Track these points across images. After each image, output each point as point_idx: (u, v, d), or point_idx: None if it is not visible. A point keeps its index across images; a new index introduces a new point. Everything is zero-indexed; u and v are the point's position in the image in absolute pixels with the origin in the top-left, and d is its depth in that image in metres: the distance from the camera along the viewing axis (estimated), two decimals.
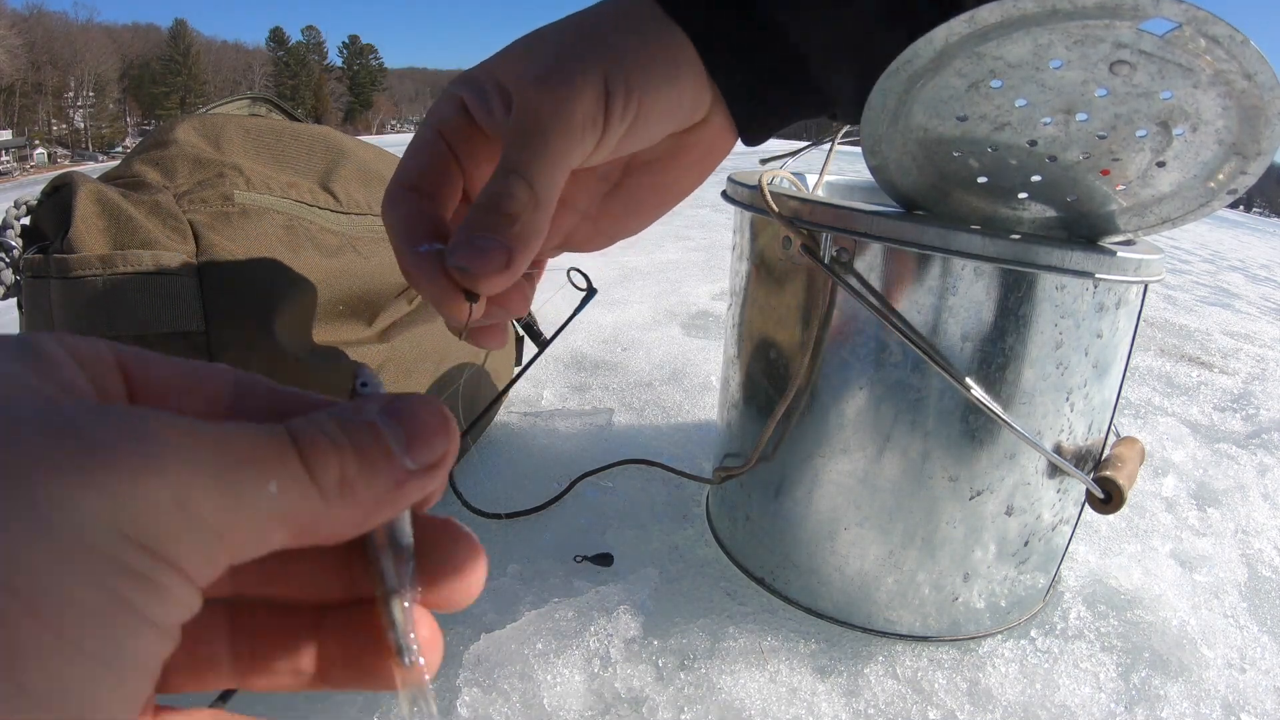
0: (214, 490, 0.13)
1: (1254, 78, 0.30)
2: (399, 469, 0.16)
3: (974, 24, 0.30)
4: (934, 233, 0.42)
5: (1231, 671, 0.52)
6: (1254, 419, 1.03)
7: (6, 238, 0.52)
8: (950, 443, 0.46)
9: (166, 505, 0.13)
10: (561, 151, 0.23)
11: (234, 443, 0.14)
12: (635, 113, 0.25)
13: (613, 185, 0.30)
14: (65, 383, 0.15)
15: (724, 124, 0.29)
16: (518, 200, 0.23)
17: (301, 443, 0.15)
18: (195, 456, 0.13)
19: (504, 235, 0.23)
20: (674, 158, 0.30)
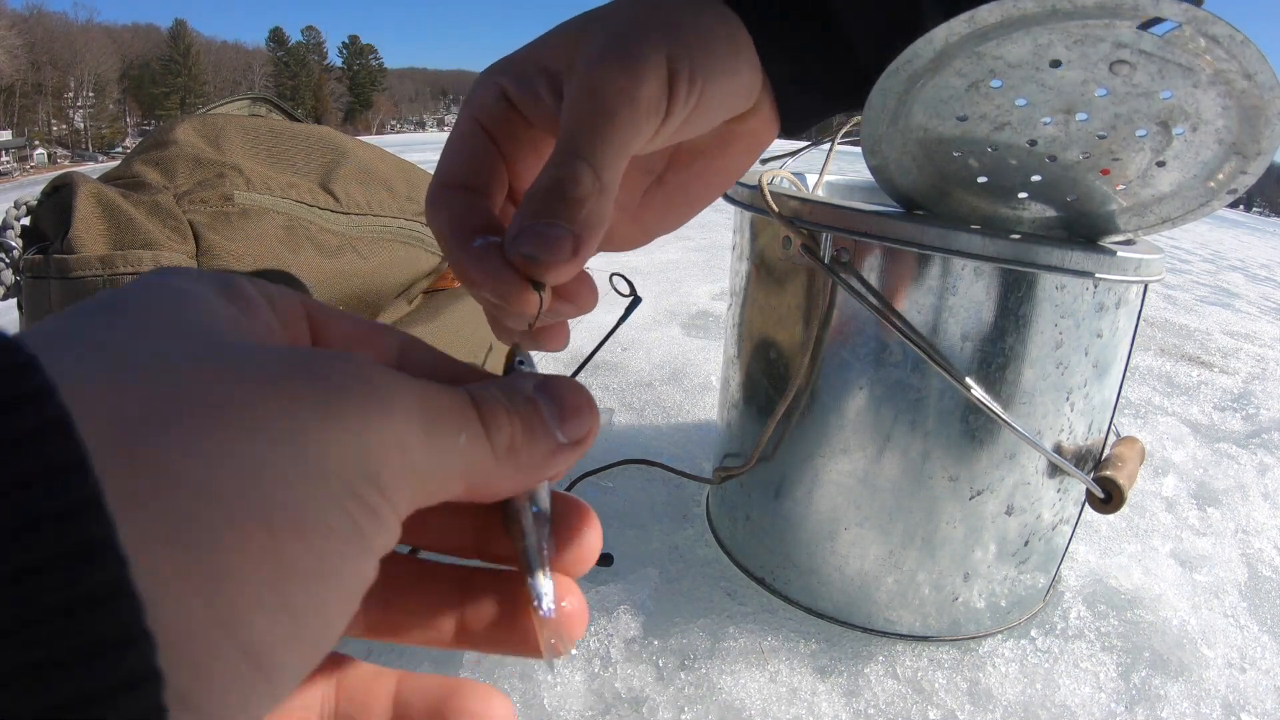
0: (423, 437, 0.14)
1: (1254, 77, 0.30)
2: (553, 440, 0.17)
3: (974, 24, 0.30)
4: (934, 233, 0.42)
5: (1232, 671, 0.52)
6: (1254, 418, 1.03)
7: (6, 238, 0.52)
8: (950, 443, 0.46)
9: (391, 446, 0.14)
10: (627, 135, 0.22)
11: (434, 397, 0.15)
12: (698, 98, 0.24)
13: (655, 179, 0.29)
14: (267, 326, 0.16)
15: (769, 114, 0.29)
16: (583, 185, 0.21)
17: (480, 405, 0.16)
18: (410, 405, 0.14)
19: (570, 221, 0.21)
20: (722, 148, 0.29)
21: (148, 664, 0.10)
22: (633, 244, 0.30)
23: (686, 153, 0.29)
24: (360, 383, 0.14)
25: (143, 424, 0.11)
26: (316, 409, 0.13)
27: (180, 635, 0.10)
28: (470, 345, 0.69)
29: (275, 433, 0.12)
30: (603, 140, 0.22)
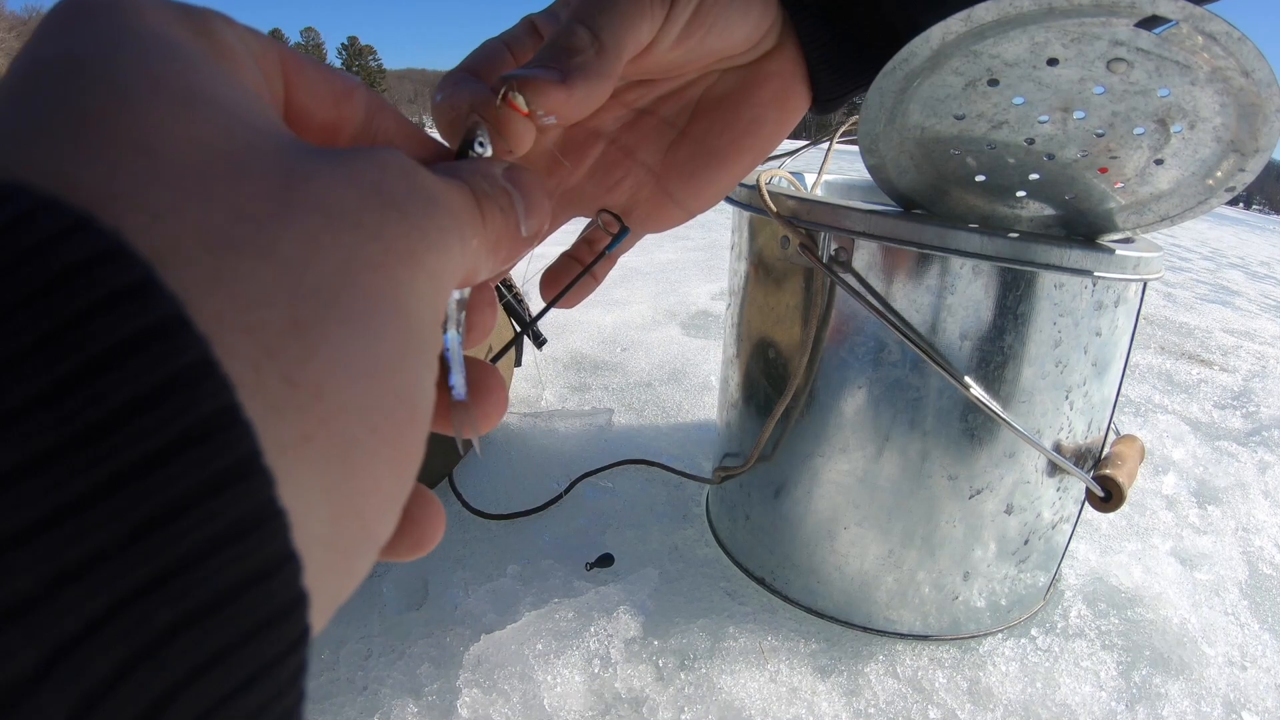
0: (459, 249, 0.14)
1: (1251, 74, 0.30)
2: (519, 234, 0.17)
3: (970, 22, 0.30)
4: (932, 231, 0.42)
5: (1232, 669, 0.52)
6: (1254, 416, 1.03)
7: None
8: (949, 442, 0.46)
9: (447, 275, 0.14)
10: (628, 8, 0.22)
11: (458, 204, 0.15)
12: None
13: (679, 132, 0.28)
14: (256, 86, 0.14)
15: (795, 58, 0.28)
16: (578, 38, 0.21)
17: (481, 203, 0.16)
18: (451, 219, 0.14)
19: (559, 65, 0.21)
20: (745, 93, 0.28)
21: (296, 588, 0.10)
22: (664, 215, 0.29)
23: (709, 99, 0.28)
24: (428, 208, 0.13)
25: (283, 347, 0.11)
26: (407, 260, 0.13)
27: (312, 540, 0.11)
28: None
29: (386, 312, 0.12)
30: (602, 9, 0.22)
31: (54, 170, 0.10)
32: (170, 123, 0.11)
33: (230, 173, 0.11)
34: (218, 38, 0.14)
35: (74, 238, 0.09)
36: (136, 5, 0.13)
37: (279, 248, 0.11)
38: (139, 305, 0.09)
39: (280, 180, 0.12)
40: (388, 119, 0.18)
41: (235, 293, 0.10)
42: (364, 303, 0.12)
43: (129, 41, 0.12)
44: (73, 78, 0.11)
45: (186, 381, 0.09)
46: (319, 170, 0.12)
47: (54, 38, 0.12)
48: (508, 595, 0.53)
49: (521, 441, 0.78)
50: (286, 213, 0.11)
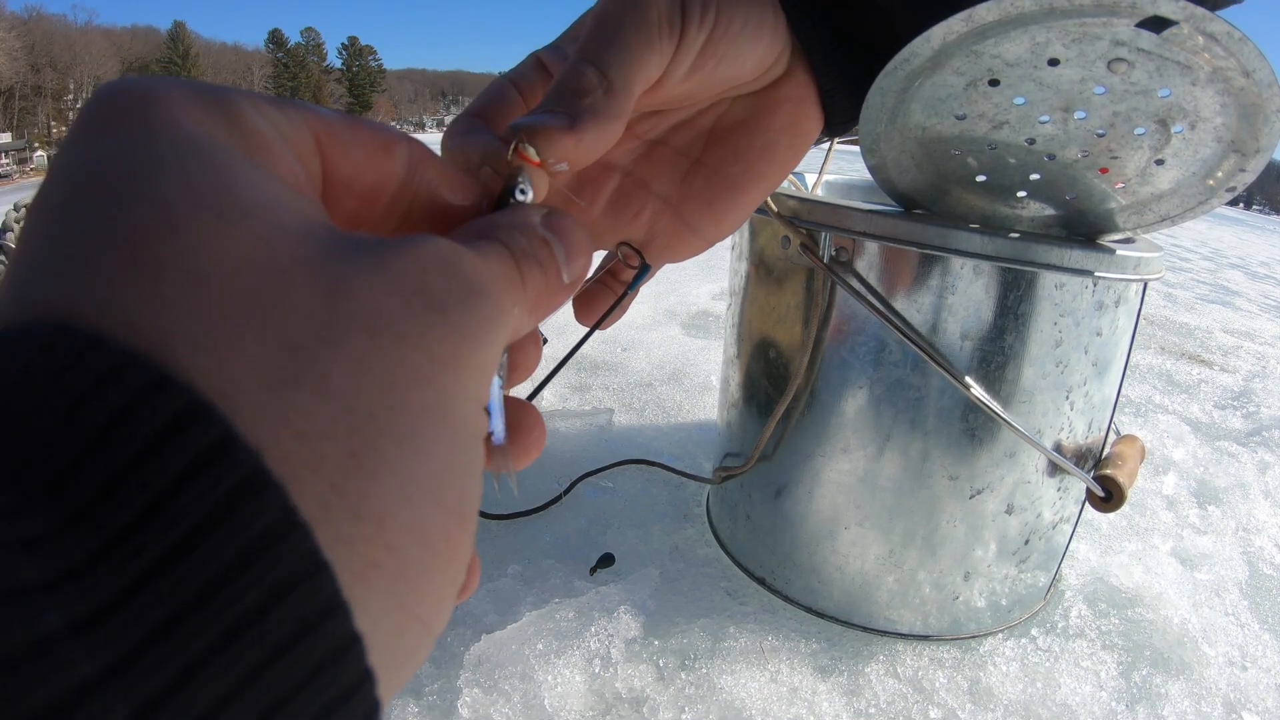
0: (500, 330, 0.14)
1: (1252, 75, 0.30)
2: (561, 282, 0.17)
3: (971, 22, 0.30)
4: (933, 231, 0.42)
5: (1233, 669, 0.52)
6: (1254, 416, 1.03)
7: (6, 240, 0.52)
8: (950, 441, 0.46)
9: (494, 356, 0.14)
10: (636, 46, 0.22)
11: (503, 285, 0.15)
12: (714, 20, 0.24)
13: (694, 162, 0.28)
14: (294, 179, 0.14)
15: (807, 89, 0.28)
16: (586, 79, 0.21)
17: (522, 267, 0.16)
18: (494, 301, 0.14)
19: (567, 107, 0.21)
20: (757, 120, 0.28)
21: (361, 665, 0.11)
22: (685, 248, 0.29)
23: (722, 128, 0.28)
24: (471, 305, 0.13)
25: (346, 482, 0.11)
26: (450, 366, 0.13)
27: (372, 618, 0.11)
28: None
29: (434, 428, 0.13)
30: (609, 46, 0.22)
31: (111, 306, 0.10)
32: (214, 242, 0.11)
33: (277, 294, 0.11)
34: (248, 127, 0.14)
35: (160, 401, 0.10)
36: (167, 102, 0.13)
37: (331, 377, 0.11)
38: (227, 467, 0.10)
39: (324, 297, 0.12)
40: (429, 169, 0.17)
41: (298, 431, 0.11)
42: (414, 423, 0.12)
43: (164, 149, 0.12)
44: (114, 196, 0.11)
45: (276, 536, 0.10)
46: (360, 278, 0.12)
47: (89, 143, 0.12)
48: (508, 595, 0.53)
49: None
50: (334, 335, 0.12)
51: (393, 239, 0.13)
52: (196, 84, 0.14)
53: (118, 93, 0.13)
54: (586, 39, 0.22)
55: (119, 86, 0.13)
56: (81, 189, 0.12)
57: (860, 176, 0.64)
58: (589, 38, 0.22)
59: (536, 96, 0.25)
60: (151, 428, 0.09)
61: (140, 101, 0.13)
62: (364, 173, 0.16)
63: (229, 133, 0.13)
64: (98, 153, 0.12)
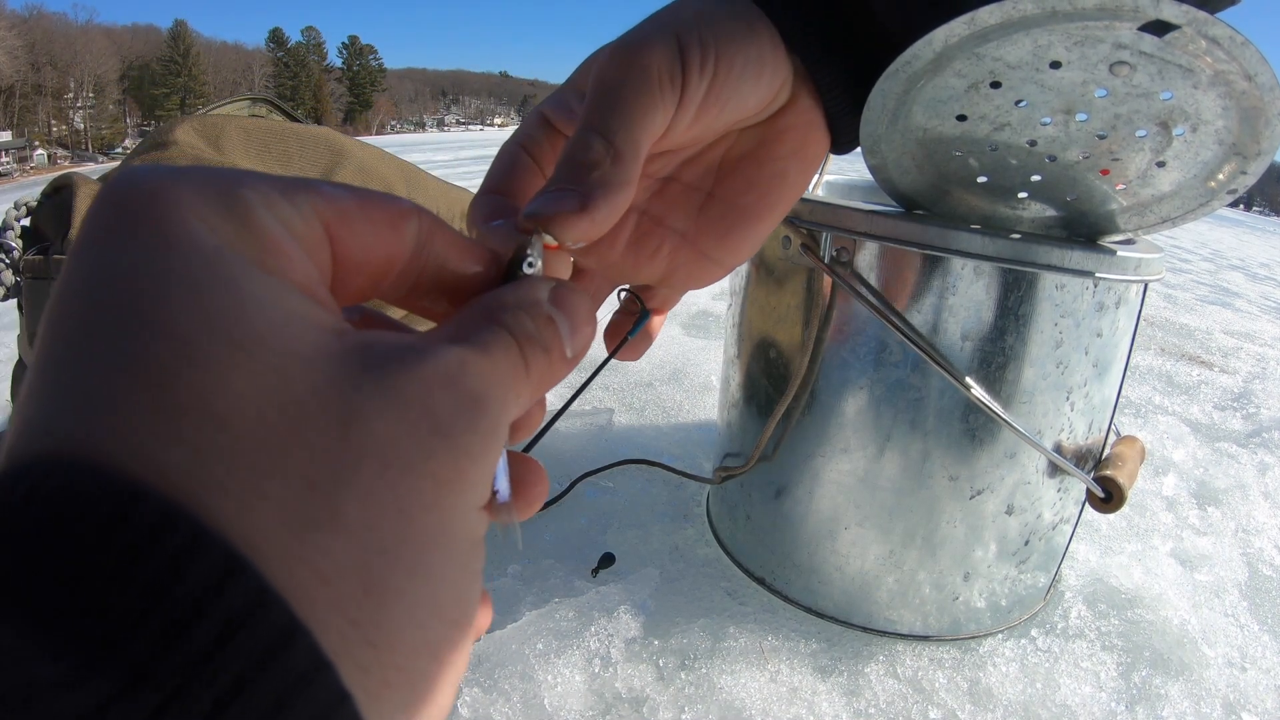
0: (502, 432, 0.15)
1: (1254, 79, 0.30)
2: (564, 358, 0.17)
3: (974, 25, 0.30)
4: (934, 232, 0.42)
5: (1232, 670, 0.52)
6: (1254, 418, 1.03)
7: (6, 239, 0.52)
8: (950, 442, 0.46)
9: (497, 452, 0.15)
10: (639, 108, 0.22)
11: (508, 384, 0.15)
12: (714, 68, 0.24)
13: (706, 195, 0.29)
14: (305, 281, 0.14)
15: (812, 112, 0.28)
16: (593, 151, 0.22)
17: (526, 353, 0.16)
18: (501, 410, 0.15)
19: (578, 184, 0.21)
20: (765, 150, 0.28)
21: None
22: (706, 276, 0.29)
23: (731, 159, 0.29)
24: (473, 422, 0.14)
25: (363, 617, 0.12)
26: (452, 483, 0.14)
27: None
28: None
29: (432, 556, 0.13)
30: (613, 113, 0.22)
31: (141, 452, 0.11)
32: (233, 378, 0.12)
33: (294, 431, 0.12)
34: (260, 229, 0.14)
35: (202, 560, 0.11)
36: (178, 204, 0.13)
37: (348, 515, 0.12)
38: (264, 620, 0.11)
39: (338, 429, 0.13)
40: (438, 241, 0.18)
41: (320, 573, 0.12)
42: (421, 549, 0.13)
43: (177, 263, 0.13)
44: (133, 326, 0.12)
45: (308, 679, 0.11)
46: (370, 406, 0.13)
47: (103, 251, 0.13)
48: (508, 595, 0.53)
49: None
50: (347, 470, 0.12)
51: (398, 351, 0.14)
52: (207, 177, 0.14)
53: (129, 193, 0.13)
54: (591, 104, 0.22)
55: (129, 185, 0.13)
56: (99, 310, 0.12)
57: (861, 177, 0.64)
58: (593, 103, 0.22)
59: (547, 158, 0.26)
60: (196, 587, 0.10)
61: (151, 204, 0.13)
62: (373, 253, 0.16)
63: (241, 237, 0.13)
64: (112, 265, 0.12)
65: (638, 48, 0.23)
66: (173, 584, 0.10)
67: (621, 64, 0.23)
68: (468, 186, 0.75)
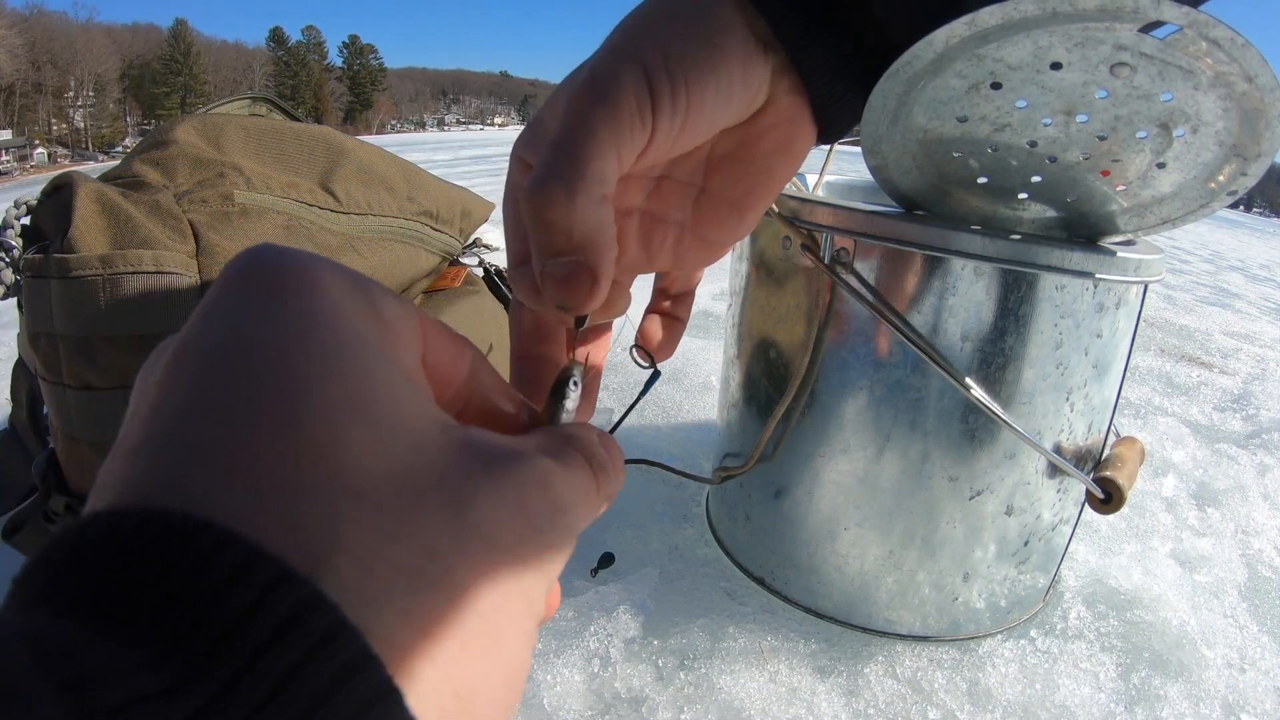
0: (573, 540, 0.17)
1: (1255, 80, 0.30)
2: (611, 493, 0.20)
3: (974, 26, 0.30)
4: (934, 233, 0.42)
5: (1231, 671, 0.52)
6: (1254, 419, 1.03)
7: (6, 237, 0.52)
8: (950, 443, 0.46)
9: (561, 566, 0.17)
10: (606, 145, 0.23)
11: (579, 491, 0.18)
12: (685, 103, 0.24)
13: (699, 189, 0.30)
14: (415, 368, 0.17)
15: (796, 107, 0.28)
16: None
17: (598, 476, 0.19)
18: (572, 523, 0.17)
19: (575, 253, 0.23)
20: (748, 148, 0.29)
21: None
22: (711, 257, 0.31)
23: (716, 157, 0.29)
24: (560, 522, 0.17)
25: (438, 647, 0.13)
26: (536, 573, 0.16)
27: None
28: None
29: (505, 637, 0.15)
30: (582, 153, 0.22)
31: (285, 519, 0.12)
32: (367, 456, 0.13)
33: (414, 505, 0.14)
34: (385, 317, 0.16)
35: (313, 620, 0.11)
36: (322, 284, 0.15)
37: (456, 582, 0.14)
38: (365, 680, 0.12)
39: (454, 510, 0.14)
40: (486, 374, 0.21)
41: (425, 630, 0.13)
42: (509, 624, 0.15)
43: (327, 338, 0.14)
44: (286, 398, 0.13)
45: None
46: (480, 494, 0.15)
47: (250, 313, 0.14)
48: None
49: None
50: (461, 546, 0.14)
51: (501, 451, 0.16)
52: (337, 265, 0.16)
53: (276, 267, 0.15)
54: (553, 149, 0.23)
55: (275, 258, 0.15)
56: (245, 371, 0.13)
57: (861, 177, 0.64)
58: (555, 147, 0.23)
59: None
60: (306, 645, 0.11)
61: (301, 279, 0.15)
62: (444, 365, 0.19)
63: (371, 321, 0.15)
64: (261, 330, 0.14)
65: (602, 88, 0.23)
66: (281, 641, 0.11)
67: (586, 108, 0.23)
68: (468, 186, 0.75)
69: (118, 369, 0.43)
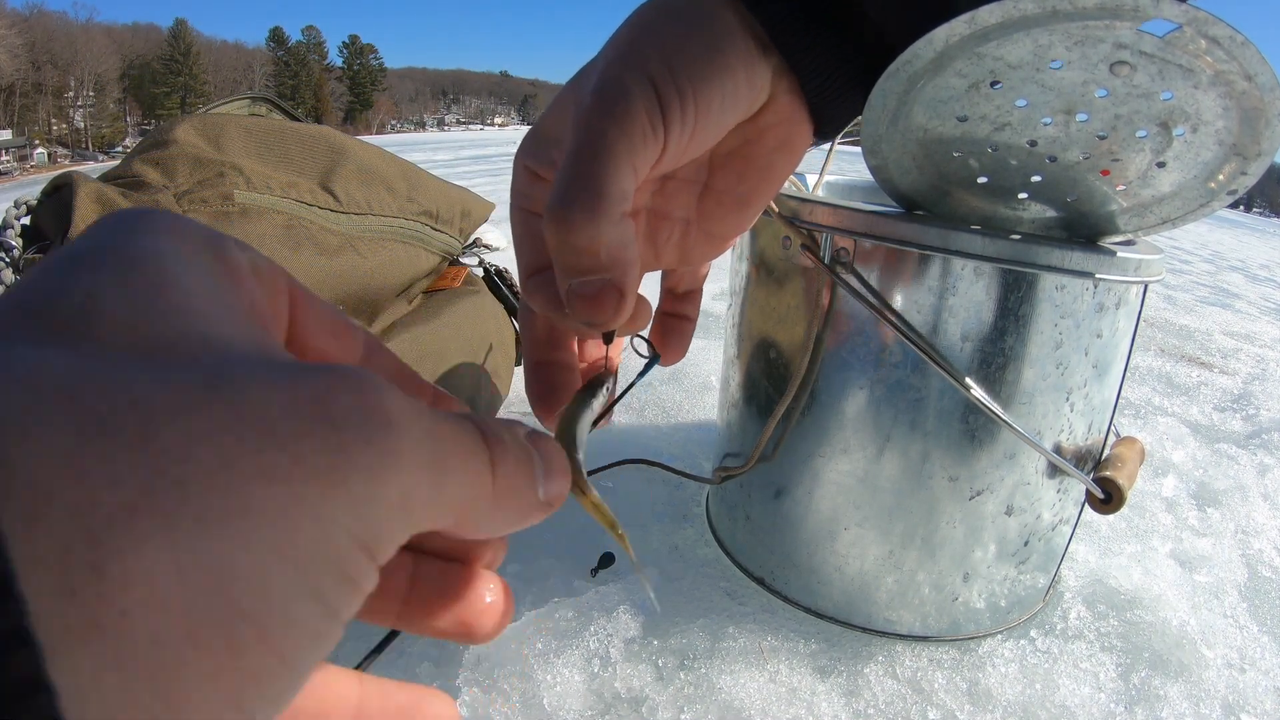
0: (427, 484, 0.13)
1: (1254, 79, 0.30)
2: (535, 495, 0.17)
3: (974, 25, 0.30)
4: (934, 233, 0.42)
5: (1231, 672, 0.52)
6: (1254, 419, 1.03)
7: (6, 237, 0.52)
8: (950, 443, 0.46)
9: (394, 507, 0.12)
10: (623, 162, 0.23)
11: (445, 434, 0.14)
12: (694, 115, 0.24)
13: (702, 186, 0.30)
14: (251, 301, 0.15)
15: (793, 107, 0.28)
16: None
17: (490, 443, 0.15)
18: (420, 450, 0.13)
19: (604, 270, 0.23)
20: (751, 147, 0.29)
21: None
22: (715, 251, 0.32)
23: (720, 155, 0.30)
24: (372, 429, 0.12)
25: (106, 527, 0.10)
26: (320, 478, 0.11)
27: None
28: (470, 344, 0.69)
29: (261, 521, 0.11)
30: (600, 172, 0.22)
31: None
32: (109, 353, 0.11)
33: (161, 362, 0.11)
34: (222, 252, 0.15)
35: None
36: (162, 218, 0.14)
37: (159, 436, 0.10)
38: None
39: (205, 376, 0.11)
40: (385, 360, 0.19)
41: (84, 472, 0.10)
42: (238, 509, 0.11)
43: (127, 254, 0.13)
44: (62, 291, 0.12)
45: None
46: (256, 374, 0.12)
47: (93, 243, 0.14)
48: None
49: None
50: (189, 407, 0.11)
51: (325, 365, 0.13)
52: (196, 224, 0.15)
53: (127, 211, 0.15)
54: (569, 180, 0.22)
55: (131, 209, 0.15)
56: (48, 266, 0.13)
57: (861, 177, 0.64)
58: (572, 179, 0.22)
59: None
60: None
61: (141, 215, 0.14)
62: (322, 335, 0.17)
63: (203, 248, 0.14)
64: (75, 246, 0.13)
65: (615, 102, 0.23)
66: None
67: (598, 123, 0.23)
68: (468, 186, 0.75)
69: None
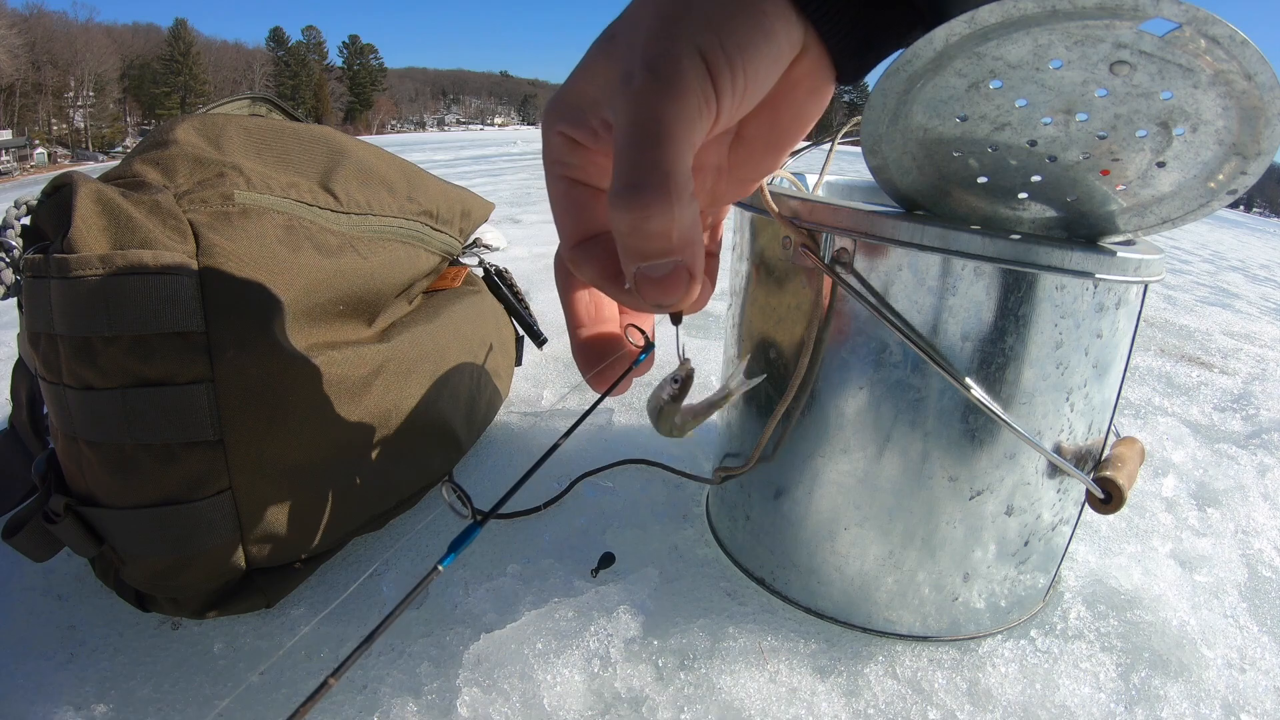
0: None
1: (1254, 78, 0.30)
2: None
3: (974, 24, 0.30)
4: (934, 233, 0.42)
5: (1231, 672, 0.52)
6: (1254, 419, 1.03)
7: (6, 237, 0.52)
8: (950, 443, 0.46)
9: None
10: (681, 142, 0.23)
11: None
12: (744, 85, 0.25)
13: (734, 135, 0.31)
14: None
15: (817, 55, 0.29)
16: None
17: None
18: None
19: (672, 253, 0.24)
20: (782, 96, 0.29)
21: None
22: (743, 192, 0.33)
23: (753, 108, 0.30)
24: None
25: None
26: None
27: None
28: (470, 344, 0.69)
29: None
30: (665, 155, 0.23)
31: None
32: None
33: None
34: None
35: None
36: None
37: None
38: None
39: None
40: None
41: None
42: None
43: None
44: None
45: None
46: None
47: None
48: (507, 594, 0.53)
49: (521, 441, 0.78)
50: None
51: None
52: None
53: None
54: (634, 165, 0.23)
55: None
56: None
57: (861, 177, 0.64)
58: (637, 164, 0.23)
59: (590, 173, 0.28)
60: None
61: None
62: None
63: None
64: None
65: (669, 80, 0.23)
66: None
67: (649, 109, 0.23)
68: (468, 186, 0.75)
69: (118, 369, 0.42)
